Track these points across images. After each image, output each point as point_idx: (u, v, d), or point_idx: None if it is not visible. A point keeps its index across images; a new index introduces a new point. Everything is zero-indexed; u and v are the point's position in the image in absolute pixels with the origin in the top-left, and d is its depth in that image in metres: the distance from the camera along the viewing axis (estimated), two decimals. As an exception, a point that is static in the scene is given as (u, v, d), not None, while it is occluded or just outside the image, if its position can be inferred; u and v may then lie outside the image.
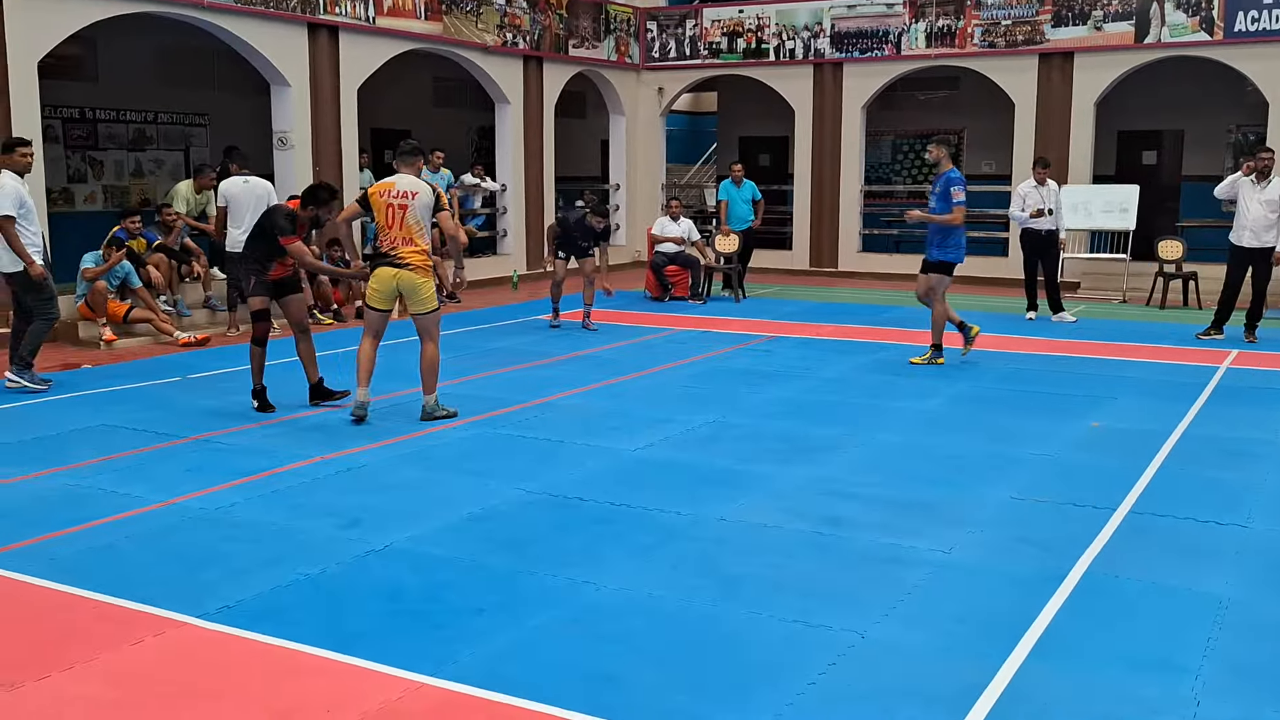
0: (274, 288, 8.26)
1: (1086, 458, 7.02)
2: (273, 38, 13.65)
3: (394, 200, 7.67)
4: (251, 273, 8.19)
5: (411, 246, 7.68)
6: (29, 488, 6.27)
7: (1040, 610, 4.52)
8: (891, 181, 20.89)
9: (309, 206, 8.18)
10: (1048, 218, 13.05)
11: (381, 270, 7.72)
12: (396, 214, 7.66)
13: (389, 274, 7.70)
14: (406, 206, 7.65)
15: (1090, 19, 16.57)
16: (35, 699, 3.79)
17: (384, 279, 7.73)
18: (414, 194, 7.69)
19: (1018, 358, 10.65)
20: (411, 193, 7.69)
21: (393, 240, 7.69)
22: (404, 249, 7.67)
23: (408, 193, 7.69)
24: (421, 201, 7.70)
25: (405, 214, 7.65)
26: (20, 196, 8.85)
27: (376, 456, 6.95)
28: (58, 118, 14.46)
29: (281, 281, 8.29)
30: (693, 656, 4.14)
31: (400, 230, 7.67)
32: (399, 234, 7.67)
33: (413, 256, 7.69)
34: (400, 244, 7.68)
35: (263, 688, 3.88)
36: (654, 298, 15.26)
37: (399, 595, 4.71)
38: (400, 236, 7.67)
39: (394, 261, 7.67)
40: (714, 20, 19.58)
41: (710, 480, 6.44)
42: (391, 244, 7.69)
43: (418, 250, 7.71)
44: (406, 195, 7.67)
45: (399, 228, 7.66)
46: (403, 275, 7.68)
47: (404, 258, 7.67)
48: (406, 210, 7.65)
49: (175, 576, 4.91)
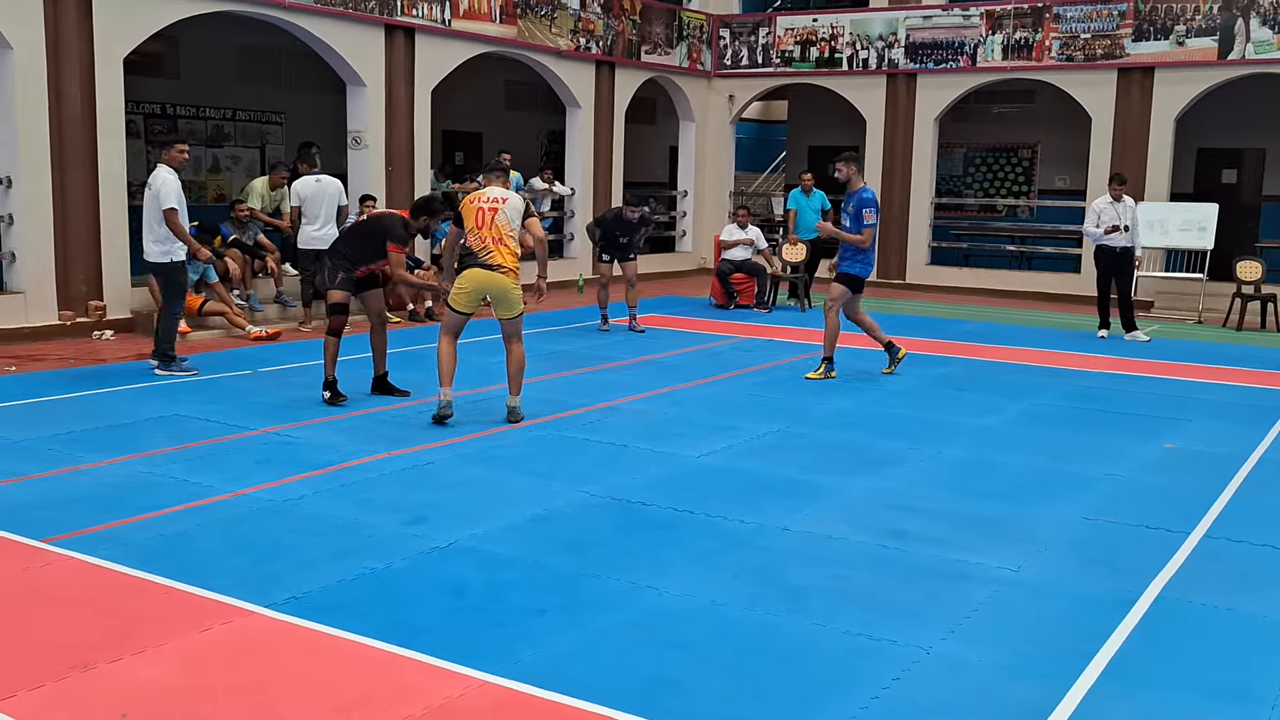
0: (355, 283, 8.43)
1: (1160, 479, 6.88)
2: (350, 38, 13.83)
3: (484, 205, 7.76)
4: (339, 268, 8.32)
5: (504, 248, 7.71)
6: (105, 474, 6.40)
7: (1111, 632, 4.44)
8: (962, 194, 20.67)
9: (421, 217, 8.35)
10: (1122, 234, 12.83)
11: (472, 272, 7.70)
12: (486, 216, 7.72)
13: (480, 276, 7.69)
14: (497, 209, 7.74)
15: (1172, 34, 16.28)
16: (108, 681, 3.86)
17: (474, 280, 7.70)
18: (504, 199, 7.81)
19: (1089, 376, 10.47)
20: (502, 199, 7.81)
21: (483, 240, 7.71)
22: (496, 250, 7.69)
23: (498, 198, 7.80)
24: (512, 206, 7.80)
25: (495, 215, 7.72)
26: (181, 190, 9.37)
27: (442, 455, 7.00)
28: (140, 113, 14.77)
29: (363, 279, 8.45)
30: (755, 666, 4.11)
31: (490, 230, 7.70)
32: (489, 234, 7.70)
33: (506, 259, 7.71)
34: (492, 244, 7.69)
35: (327, 679, 3.92)
36: (719, 305, 15.23)
37: (463, 592, 4.74)
38: (491, 237, 7.70)
39: (486, 264, 7.68)
40: (787, 28, 19.51)
41: (774, 489, 6.40)
42: (482, 244, 7.71)
43: (510, 252, 7.75)
44: (497, 200, 7.79)
45: (489, 228, 7.70)
46: (493, 279, 7.69)
47: (496, 261, 7.68)
48: (496, 213, 7.73)
49: (244, 566, 4.99)
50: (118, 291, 11.76)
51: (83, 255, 11.45)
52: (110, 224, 11.65)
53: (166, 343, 9.49)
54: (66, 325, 11.29)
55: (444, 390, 7.74)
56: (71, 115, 11.23)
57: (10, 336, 10.77)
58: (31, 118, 10.96)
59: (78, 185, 11.36)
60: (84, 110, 11.34)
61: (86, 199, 11.45)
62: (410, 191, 14.77)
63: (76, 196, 11.36)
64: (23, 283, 11.12)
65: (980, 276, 18.40)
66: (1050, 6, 17.27)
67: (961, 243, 19.65)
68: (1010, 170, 20.52)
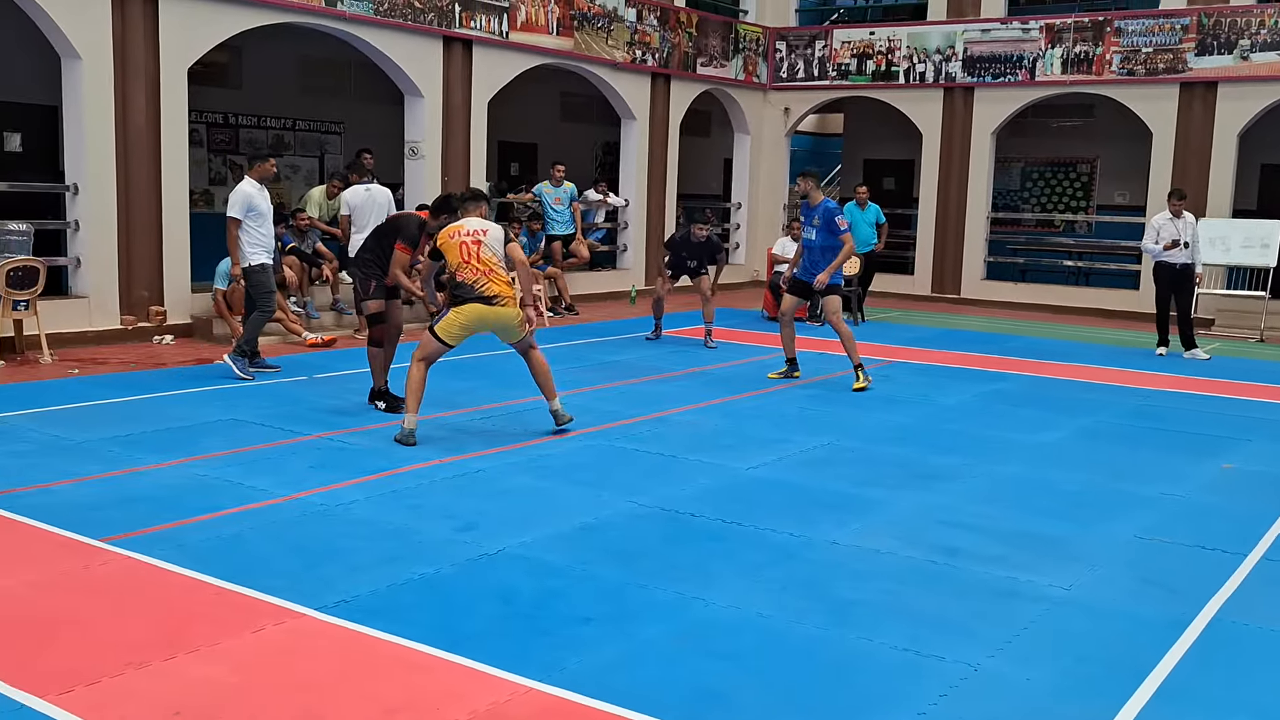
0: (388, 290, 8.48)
1: (1217, 500, 6.77)
2: (409, 49, 14.00)
3: (466, 239, 7.63)
4: (372, 276, 8.37)
5: (496, 278, 7.59)
6: (163, 476, 6.51)
7: (1164, 654, 4.37)
8: (1019, 209, 20.47)
9: (441, 215, 8.20)
10: (1182, 251, 12.63)
11: (472, 308, 7.54)
12: (471, 249, 7.58)
13: (481, 311, 7.54)
14: (480, 243, 7.62)
15: (1236, 48, 16.03)
16: (162, 679, 3.93)
17: (474, 315, 7.55)
18: (484, 231, 7.72)
19: (1146, 393, 10.32)
20: (482, 230, 7.72)
21: (475, 274, 7.56)
22: (491, 282, 7.56)
23: (478, 230, 7.70)
24: (493, 237, 7.69)
25: (479, 249, 7.60)
26: (250, 202, 9.75)
27: (492, 463, 7.05)
28: (203, 122, 15.04)
29: (390, 287, 8.51)
30: (801, 679, 4.10)
31: (479, 263, 7.57)
32: (479, 267, 7.56)
33: (502, 288, 7.59)
34: (484, 277, 7.55)
35: (375, 682, 3.96)
36: (771, 318, 15.16)
37: (510, 600, 4.77)
38: (481, 270, 7.56)
39: (484, 297, 7.54)
40: (844, 41, 19.45)
41: (823, 503, 6.38)
42: (475, 278, 7.56)
43: (503, 280, 7.63)
44: (478, 233, 7.67)
45: (476, 260, 7.56)
46: (494, 312, 7.55)
47: (493, 292, 7.55)
48: (480, 245, 7.61)
49: (296, 569, 5.05)
50: (178, 297, 11.97)
51: (145, 261, 11.68)
52: (172, 231, 11.88)
53: (247, 342, 9.82)
54: (128, 330, 11.52)
55: (410, 416, 7.48)
56: (137, 124, 11.47)
57: (74, 340, 11.00)
58: (98, 126, 11.20)
59: (141, 193, 11.59)
60: (149, 119, 11.57)
61: (149, 206, 11.68)
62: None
63: (140, 204, 11.59)
64: (87, 287, 11.36)
65: (1037, 292, 18.21)
66: (1111, 20, 17.08)
67: (1018, 258, 19.45)
68: (1069, 185, 20.29)
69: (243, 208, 9.66)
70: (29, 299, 10.17)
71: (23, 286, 10.10)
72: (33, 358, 10.23)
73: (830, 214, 10.05)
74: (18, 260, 10.13)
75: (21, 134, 13.27)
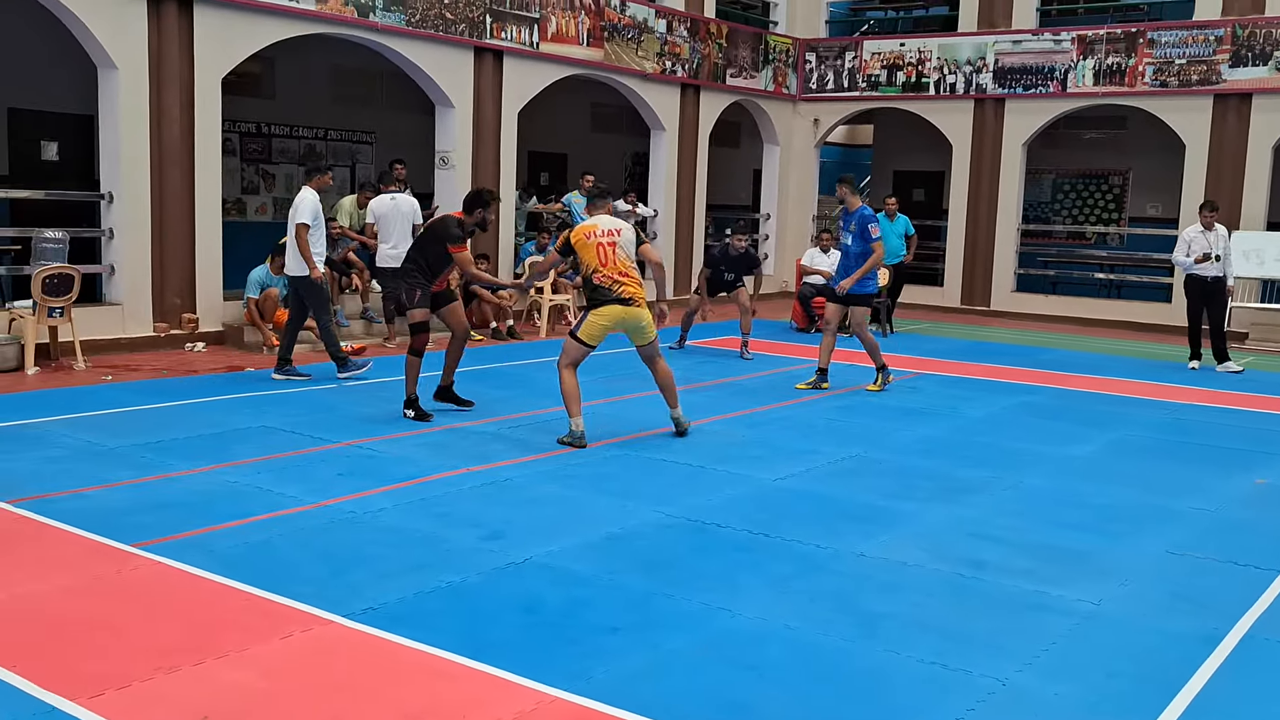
0: (432, 299, 8.53)
1: (1249, 515, 6.70)
2: (440, 60, 14.08)
3: (602, 239, 7.88)
4: (417, 286, 8.45)
5: (631, 279, 7.88)
6: (194, 482, 6.57)
7: (1195, 670, 4.33)
8: (1050, 221, 20.36)
9: (476, 210, 8.39)
10: (1214, 264, 12.52)
11: (611, 309, 7.83)
12: (607, 250, 7.85)
13: (619, 312, 7.84)
14: (615, 244, 7.88)
15: (1271, 60, 15.90)
16: (192, 683, 3.96)
17: (613, 316, 7.84)
18: (618, 230, 7.96)
19: (1178, 407, 10.23)
20: (616, 229, 7.96)
21: (611, 277, 7.84)
22: (626, 283, 7.85)
23: (613, 230, 7.95)
24: (626, 239, 7.95)
25: (615, 250, 7.86)
26: (317, 210, 10.04)
27: (519, 472, 7.07)
28: (236, 132, 15.18)
29: (437, 294, 8.56)
30: (827, 691, 4.08)
31: (615, 265, 7.85)
32: (615, 268, 7.85)
33: (636, 290, 7.90)
34: (620, 278, 7.85)
35: (401, 689, 3.97)
36: (800, 329, 15.17)
37: (537, 608, 4.78)
38: (617, 271, 7.85)
39: (621, 298, 7.83)
40: (874, 53, 19.43)
41: (851, 515, 6.36)
42: (612, 280, 7.84)
43: (637, 281, 7.93)
44: (613, 233, 7.93)
45: (613, 261, 7.85)
46: (631, 313, 7.86)
47: (629, 293, 7.84)
48: (615, 247, 7.87)
49: (324, 576, 5.08)
50: (210, 304, 12.08)
51: (178, 269, 11.79)
52: (205, 239, 11.99)
53: (334, 348, 10.19)
54: (160, 337, 11.63)
55: (575, 420, 7.80)
56: (171, 134, 11.59)
57: (108, 347, 11.12)
58: (133, 136, 11.33)
59: (175, 201, 11.70)
60: (183, 129, 11.69)
61: (183, 215, 11.80)
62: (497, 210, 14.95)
63: (174, 212, 11.70)
64: (120, 295, 11.48)
65: (1068, 304, 18.09)
66: (1144, 31, 16.98)
67: (1049, 270, 19.34)
68: (1100, 197, 20.17)
69: (313, 213, 9.95)
70: (64, 306, 10.29)
71: (58, 294, 10.22)
72: (67, 364, 10.35)
73: (864, 221, 10.20)
74: (53, 268, 10.26)
75: (58, 143, 13.45)
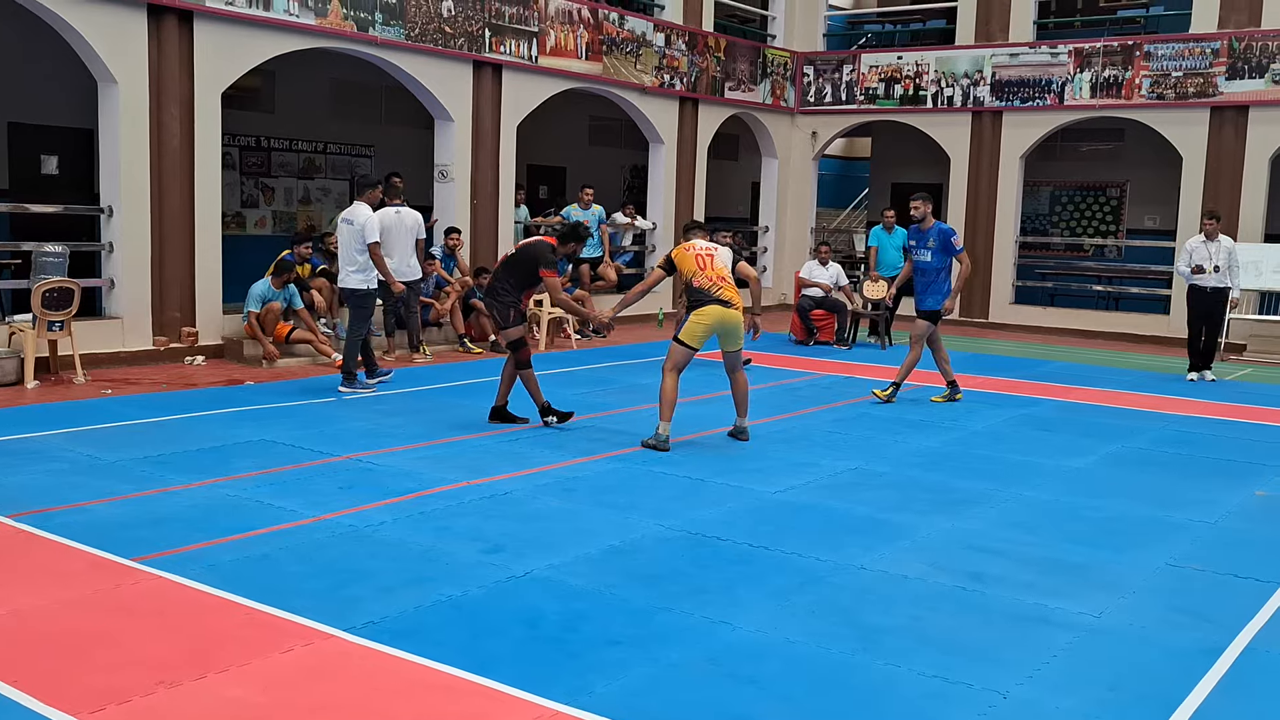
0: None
1: (1250, 527, 6.70)
2: (439, 74, 14.12)
3: (701, 251, 8.39)
4: (510, 305, 8.76)
5: (729, 285, 8.24)
6: (194, 496, 6.56)
7: (1196, 683, 4.33)
8: (1048, 233, 20.40)
9: (570, 243, 8.89)
10: (1212, 275, 12.49)
11: (712, 309, 8.17)
12: (706, 259, 8.32)
13: (719, 312, 8.18)
14: (713, 255, 8.39)
15: (1268, 72, 15.95)
16: (193, 698, 3.96)
17: (714, 316, 8.18)
18: (715, 249, 8.50)
19: (1177, 419, 10.25)
20: (713, 248, 8.50)
21: (711, 280, 8.23)
22: (724, 287, 8.23)
23: (710, 248, 8.48)
24: (722, 255, 8.45)
25: (713, 260, 8.33)
26: (381, 226, 10.52)
27: (519, 485, 7.07)
28: (236, 145, 15.21)
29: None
30: (828, 705, 4.08)
31: (714, 269, 8.27)
32: (714, 273, 8.26)
33: (735, 295, 8.27)
34: (719, 282, 8.24)
35: (402, 703, 3.97)
36: (798, 341, 15.19)
37: (537, 622, 4.78)
38: (716, 275, 8.26)
39: (721, 299, 8.18)
40: (872, 66, 19.49)
41: (851, 528, 6.36)
42: (712, 283, 8.23)
43: (734, 289, 8.28)
44: (711, 248, 8.47)
45: (711, 268, 8.27)
46: (729, 314, 8.20)
47: (728, 296, 8.21)
48: (713, 257, 8.35)
49: (324, 590, 5.08)
50: (210, 319, 12.08)
51: (178, 283, 11.80)
52: (204, 253, 12.01)
53: (351, 362, 10.29)
54: (160, 350, 11.64)
55: (664, 425, 8.11)
56: (171, 148, 11.61)
57: (107, 360, 11.12)
58: (133, 150, 11.34)
59: (175, 215, 11.72)
60: (183, 143, 11.71)
61: (183, 229, 11.81)
62: (495, 224, 15.01)
63: (173, 226, 11.72)
64: (120, 309, 11.49)
65: (1066, 316, 18.12)
66: (1141, 44, 17.04)
67: (1047, 282, 19.36)
68: (1098, 209, 20.21)
69: (377, 230, 10.31)
70: (64, 320, 10.29)
71: (58, 307, 10.22)
72: (67, 378, 10.35)
73: (945, 235, 10.36)
74: (53, 281, 10.27)
75: (58, 157, 13.48)
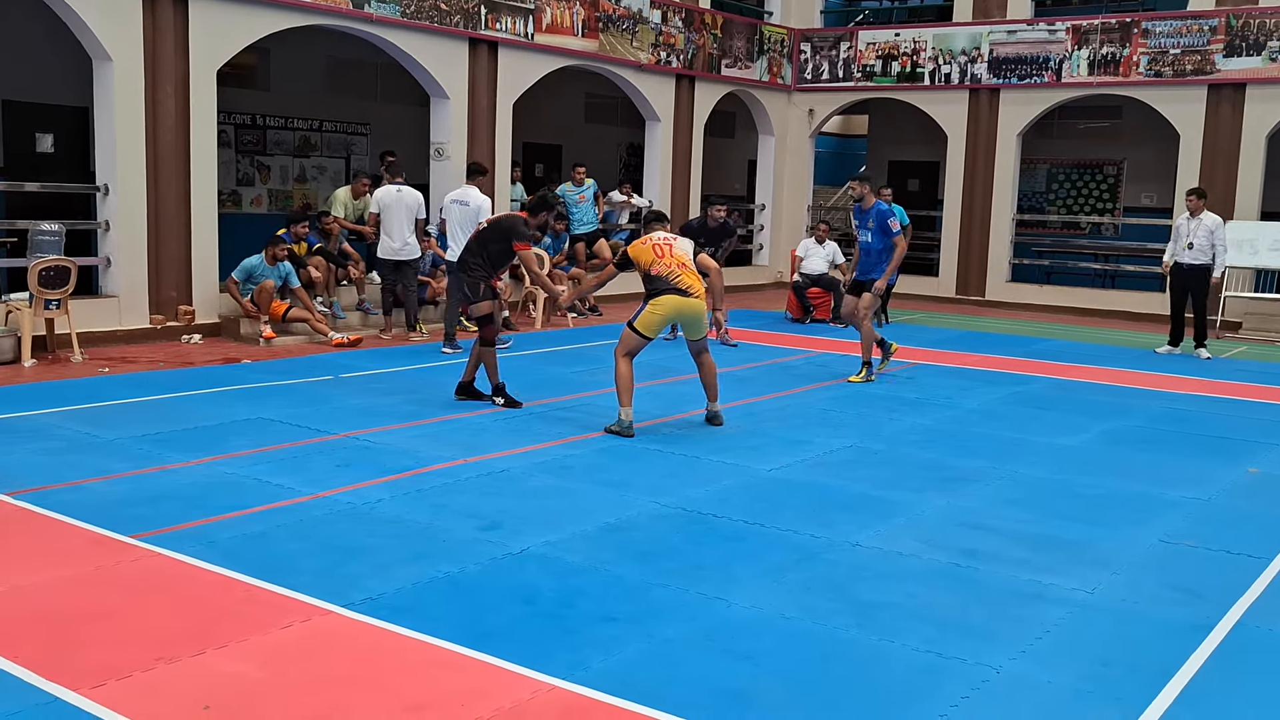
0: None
1: (1243, 504, 6.74)
2: (435, 51, 14.08)
3: (658, 241, 8.15)
4: (480, 280, 8.65)
5: (689, 273, 8.02)
6: (192, 474, 6.59)
7: (1187, 658, 4.37)
8: (1045, 211, 20.40)
9: (540, 213, 8.72)
10: (1186, 251, 12.62)
11: (669, 299, 7.96)
12: (664, 248, 8.09)
13: (678, 302, 7.97)
14: (671, 244, 8.14)
15: (1265, 50, 15.93)
16: (192, 674, 3.99)
17: (671, 306, 7.98)
18: (673, 239, 8.26)
19: (1172, 397, 10.28)
20: (671, 238, 8.23)
21: (669, 267, 8.00)
22: (684, 274, 7.99)
23: (667, 238, 8.24)
24: (681, 244, 8.18)
25: (672, 249, 8.07)
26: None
27: (516, 462, 7.10)
28: (231, 123, 15.16)
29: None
30: (822, 680, 4.12)
31: (673, 258, 8.03)
32: (672, 261, 8.02)
33: (695, 284, 8.03)
34: (679, 269, 8.00)
35: (400, 679, 4.00)
36: (795, 319, 15.21)
37: (534, 598, 4.81)
38: (675, 261, 8.03)
39: (679, 289, 7.96)
40: (869, 43, 19.43)
41: (846, 504, 6.39)
42: (669, 270, 7.99)
43: (695, 276, 8.06)
44: (667, 239, 8.20)
45: (670, 256, 8.04)
46: (689, 304, 8.00)
47: (687, 284, 7.98)
48: (672, 246, 8.11)
49: (323, 566, 5.11)
50: (206, 296, 12.09)
51: (174, 261, 11.80)
52: (200, 231, 12.00)
53: (451, 326, 11.43)
54: (157, 329, 11.64)
55: (625, 410, 7.94)
56: (166, 126, 11.59)
57: (104, 339, 11.13)
58: (129, 128, 11.32)
59: (171, 193, 11.71)
60: (178, 121, 11.68)
61: (179, 207, 11.80)
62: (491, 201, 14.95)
63: (169, 204, 11.70)
64: (117, 287, 11.49)
65: (1062, 294, 18.14)
66: (1139, 22, 17.00)
67: (1043, 260, 19.38)
68: (1095, 187, 20.21)
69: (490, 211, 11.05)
70: (60, 298, 10.29)
71: (54, 286, 10.22)
72: (64, 356, 10.36)
73: (883, 216, 10.34)
74: (50, 260, 10.26)
75: (53, 135, 13.45)
